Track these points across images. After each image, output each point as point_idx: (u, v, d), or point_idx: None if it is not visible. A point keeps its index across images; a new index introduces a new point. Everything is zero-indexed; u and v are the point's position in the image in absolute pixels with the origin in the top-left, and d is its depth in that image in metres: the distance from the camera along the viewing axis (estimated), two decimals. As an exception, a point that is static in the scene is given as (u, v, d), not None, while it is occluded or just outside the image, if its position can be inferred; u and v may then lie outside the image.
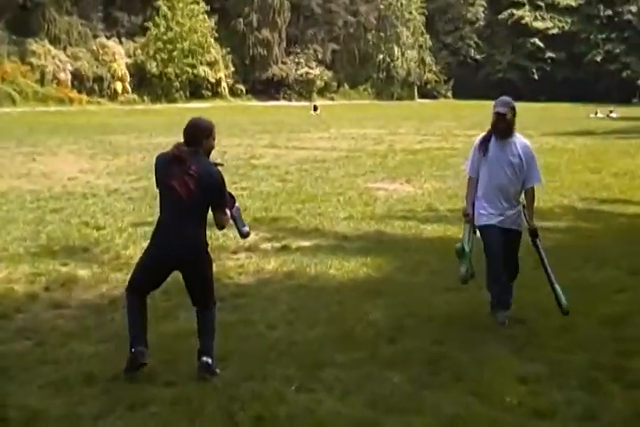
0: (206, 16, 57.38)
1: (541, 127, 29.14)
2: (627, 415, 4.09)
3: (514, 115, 5.55)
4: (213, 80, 58.45)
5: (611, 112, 44.11)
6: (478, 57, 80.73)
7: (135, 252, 8.14)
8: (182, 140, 4.72)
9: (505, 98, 5.74)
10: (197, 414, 4.06)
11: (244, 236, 5.18)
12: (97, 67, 51.11)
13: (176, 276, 7.05)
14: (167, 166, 4.71)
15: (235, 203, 4.95)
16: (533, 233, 5.69)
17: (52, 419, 4.04)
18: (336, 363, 4.86)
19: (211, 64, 58.34)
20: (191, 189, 4.59)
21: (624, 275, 7.22)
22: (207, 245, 4.84)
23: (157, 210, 11.06)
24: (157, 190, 4.83)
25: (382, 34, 73.38)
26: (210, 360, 4.64)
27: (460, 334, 5.44)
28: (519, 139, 5.65)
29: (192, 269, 4.84)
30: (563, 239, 8.76)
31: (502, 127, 5.55)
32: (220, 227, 4.87)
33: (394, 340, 5.31)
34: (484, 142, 5.67)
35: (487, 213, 5.62)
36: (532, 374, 4.63)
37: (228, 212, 4.82)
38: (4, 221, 9.97)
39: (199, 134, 4.72)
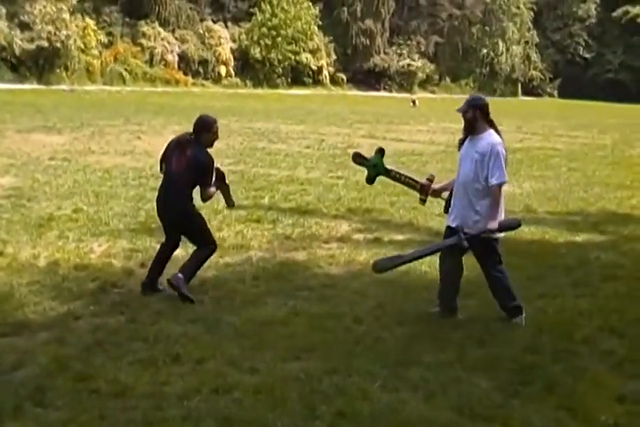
0: (311, 4, 57.71)
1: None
2: None
3: (476, 112, 5.47)
4: (315, 68, 58.67)
5: None
6: (587, 56, 77.94)
7: (228, 234, 8.25)
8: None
9: (470, 96, 5.79)
10: (279, 404, 4.04)
11: (230, 206, 6.68)
12: (203, 50, 52.11)
13: (268, 262, 7.11)
14: (173, 147, 6.14)
15: (224, 179, 6.35)
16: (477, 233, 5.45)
17: (139, 396, 4.11)
18: (422, 363, 4.76)
19: (313, 52, 58.55)
20: (181, 165, 5.97)
21: None
22: (192, 207, 6.15)
23: (254, 193, 11.26)
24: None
25: (487, 28, 71.81)
26: (180, 275, 5.85)
27: (553, 343, 5.22)
28: (490, 136, 5.49)
29: (180, 228, 6.18)
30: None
31: (464, 125, 5.59)
32: (204, 199, 6.21)
33: (483, 343, 5.16)
34: (461, 141, 5.76)
35: (450, 213, 5.73)
36: (631, 393, 4.38)
37: (212, 189, 6.19)
38: (108, 196, 10.28)
39: (201, 128, 6.00)
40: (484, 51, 71.56)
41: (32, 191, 10.40)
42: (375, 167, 6.01)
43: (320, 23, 58.79)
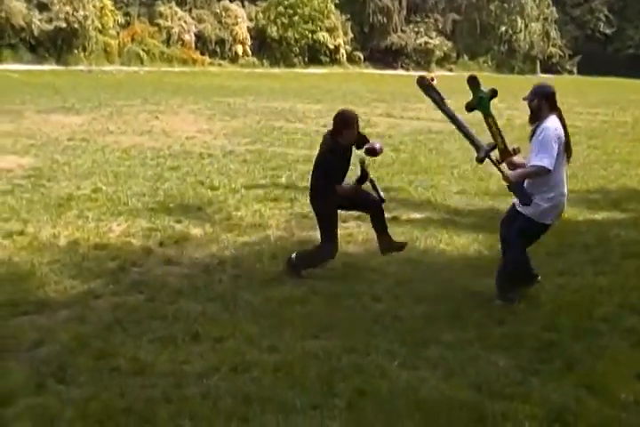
0: (327, -18, 57.10)
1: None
2: None
3: (542, 101, 5.42)
4: (332, 46, 58.24)
5: None
6: (608, 31, 76.69)
7: (246, 213, 8.25)
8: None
9: (536, 84, 5.69)
10: (297, 382, 4.05)
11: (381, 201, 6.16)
12: (219, 29, 51.85)
13: (286, 241, 7.11)
14: None
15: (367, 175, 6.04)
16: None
17: (159, 374, 4.14)
18: (442, 341, 4.75)
19: (330, 30, 58.09)
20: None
21: None
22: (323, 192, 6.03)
23: (271, 173, 11.24)
24: None
25: (505, 5, 70.78)
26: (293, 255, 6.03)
27: (573, 321, 5.19)
28: (546, 121, 5.41)
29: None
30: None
31: (530, 114, 5.55)
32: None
33: (503, 322, 5.14)
34: (532, 131, 5.65)
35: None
36: (652, 371, 4.36)
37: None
38: (126, 175, 10.31)
39: (340, 124, 6.04)
40: (503, 28, 70.64)
41: (51, 171, 10.45)
42: (481, 100, 5.86)
43: (337, 1, 58.24)
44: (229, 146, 13.83)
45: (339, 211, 6.25)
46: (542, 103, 5.43)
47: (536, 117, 5.48)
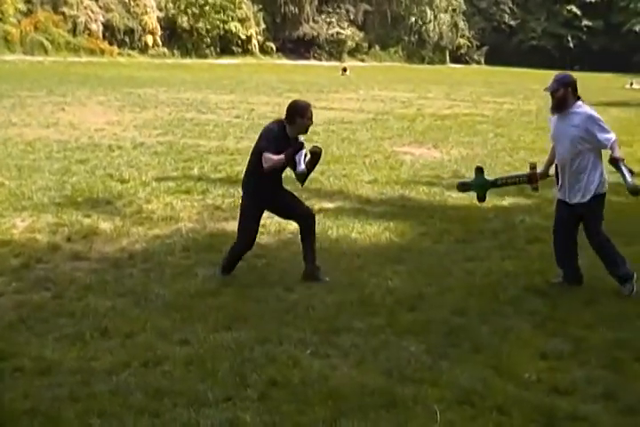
0: (238, -28, 56.58)
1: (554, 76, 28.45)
2: (648, 396, 3.99)
3: (567, 90, 5.56)
4: (244, 37, 57.85)
5: (647, 84, 43.11)
6: (512, 23, 78.91)
7: (157, 206, 8.12)
8: None
9: (557, 75, 5.79)
10: (210, 375, 4.02)
11: (299, 173, 5.88)
12: (128, 19, 50.70)
13: (198, 233, 7.02)
14: None
15: (301, 148, 5.71)
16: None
17: (66, 372, 4.03)
18: (353, 329, 4.80)
19: (242, 20, 57.67)
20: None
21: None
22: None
23: (182, 165, 11.10)
24: None
25: (415, -4, 71.95)
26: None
27: (481, 305, 5.33)
28: (580, 107, 5.59)
29: None
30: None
31: (553, 104, 5.65)
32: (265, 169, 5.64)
33: (413, 308, 5.23)
34: (550, 121, 5.86)
35: (560, 189, 5.79)
36: (553, 350, 4.52)
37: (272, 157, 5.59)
38: (31, 169, 9.98)
39: (294, 113, 5.73)
40: (413, 19, 71.71)
41: (-51, 166, 10.02)
42: (482, 187, 6.13)
43: (248, -9, 57.87)
44: (140, 138, 13.57)
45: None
46: (568, 92, 5.58)
47: (562, 106, 5.60)
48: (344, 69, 43.93)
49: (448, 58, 74.94)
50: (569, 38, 76.57)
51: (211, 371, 4.07)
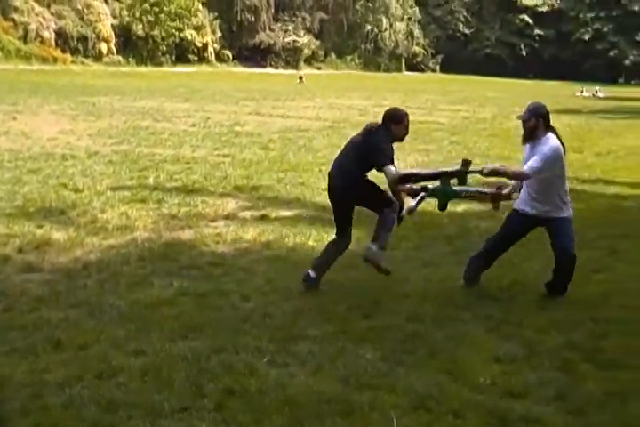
0: (193, -20, 56.48)
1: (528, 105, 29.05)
2: (598, 396, 4.07)
3: (538, 121, 5.56)
4: (200, 45, 57.77)
5: (597, 91, 44.10)
6: (467, 32, 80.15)
7: (112, 216, 8.03)
8: None
9: (530, 104, 5.77)
10: (166, 385, 3.98)
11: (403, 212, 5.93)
12: (81, 26, 50.23)
13: (154, 243, 6.97)
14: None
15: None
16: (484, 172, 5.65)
17: (17, 385, 3.95)
18: (310, 337, 4.80)
19: (197, 28, 57.58)
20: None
21: (603, 255, 7.20)
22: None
23: (138, 174, 10.97)
24: None
25: (371, 4, 72.60)
26: (370, 245, 5.76)
27: (436, 311, 5.38)
28: (548, 140, 5.55)
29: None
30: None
31: (524, 133, 5.67)
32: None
33: (369, 315, 5.26)
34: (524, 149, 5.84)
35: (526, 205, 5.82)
36: (506, 354, 4.58)
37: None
38: (-20, 180, 9.79)
39: (389, 120, 5.72)
40: (368, 27, 72.41)
41: None
42: (446, 195, 6.00)
43: (204, -1, 57.78)
44: (94, 147, 13.41)
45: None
46: (539, 122, 5.57)
47: (531, 136, 5.60)
48: (300, 77, 44.08)
49: (404, 66, 75.76)
50: (522, 47, 78.09)
51: (167, 381, 4.03)
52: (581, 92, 44.35)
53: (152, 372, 4.15)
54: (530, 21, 77.78)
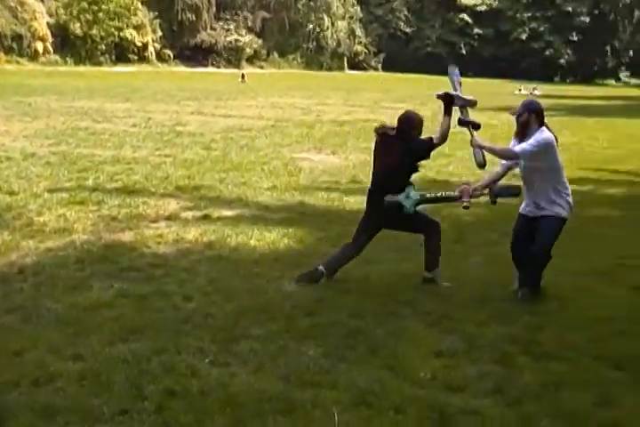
0: (132, -22, 55.72)
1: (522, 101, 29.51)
2: (534, 388, 4.16)
3: (531, 116, 5.57)
4: (140, 44, 57.05)
5: (534, 89, 45.06)
6: (408, 30, 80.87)
7: (50, 218, 7.88)
8: None
9: (525, 100, 5.83)
10: (105, 388, 3.92)
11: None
12: (16, 24, 49.05)
13: (93, 245, 6.86)
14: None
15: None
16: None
17: (-50, 394, 3.85)
18: (252, 336, 4.79)
19: (137, 27, 56.85)
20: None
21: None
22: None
23: (77, 175, 10.78)
24: None
25: (312, 3, 72.70)
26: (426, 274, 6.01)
27: (378, 307, 5.43)
28: (540, 133, 5.56)
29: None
30: (480, 214, 8.86)
31: (517, 128, 5.71)
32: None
33: (311, 313, 5.27)
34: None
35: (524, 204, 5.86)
36: (447, 348, 4.65)
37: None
38: None
39: (404, 124, 5.88)
40: (310, 26, 72.49)
41: None
42: (408, 199, 5.97)
43: (143, -2, 57.06)
44: (31, 148, 13.13)
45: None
46: (532, 118, 5.58)
47: (524, 132, 5.61)
48: (243, 76, 43.90)
49: (346, 64, 76.07)
50: (462, 45, 79.16)
51: (106, 385, 3.97)
52: (520, 90, 45.23)
53: (90, 376, 4.08)
54: (469, 20, 78.93)
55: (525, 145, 5.52)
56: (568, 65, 77.88)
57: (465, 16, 79.15)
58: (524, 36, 76.98)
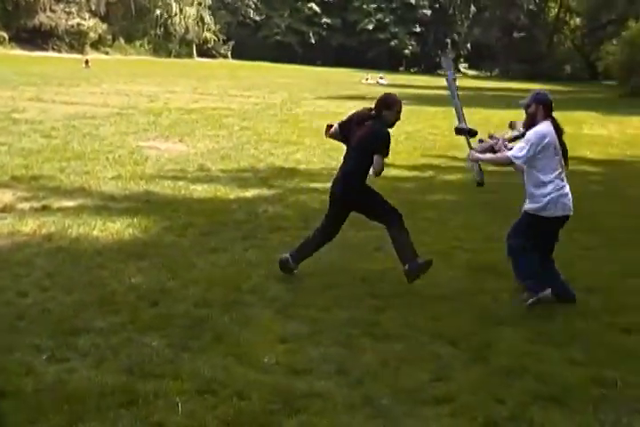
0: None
1: (316, 91, 30.00)
2: (374, 367, 4.31)
3: (538, 107, 5.54)
4: (-29, 25, 53.42)
5: (380, 78, 46.26)
6: (257, 18, 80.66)
7: None
8: None
9: (534, 91, 5.79)
10: None
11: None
12: None
13: None
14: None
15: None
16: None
17: None
18: (94, 329, 4.65)
19: (-33, 7, 53.19)
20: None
21: (383, 235, 7.56)
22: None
23: None
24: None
25: (159, -13, 70.92)
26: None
27: (224, 296, 5.42)
28: (538, 126, 5.54)
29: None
30: (325, 201, 8.99)
31: (525, 119, 5.68)
32: (375, 173, 5.83)
33: (156, 303, 5.18)
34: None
35: None
36: (292, 334, 4.72)
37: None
38: None
39: (382, 106, 5.89)
40: (158, 11, 70.67)
41: None
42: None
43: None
44: None
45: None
46: (538, 109, 5.53)
47: (532, 122, 5.56)
48: (86, 62, 42.22)
49: (195, 52, 74.84)
50: (310, 35, 79.84)
51: None
52: (366, 79, 46.30)
53: None
54: (318, 10, 79.75)
55: (516, 151, 5.50)
56: (412, 55, 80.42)
57: (314, 5, 79.88)
58: (370, 27, 78.73)
